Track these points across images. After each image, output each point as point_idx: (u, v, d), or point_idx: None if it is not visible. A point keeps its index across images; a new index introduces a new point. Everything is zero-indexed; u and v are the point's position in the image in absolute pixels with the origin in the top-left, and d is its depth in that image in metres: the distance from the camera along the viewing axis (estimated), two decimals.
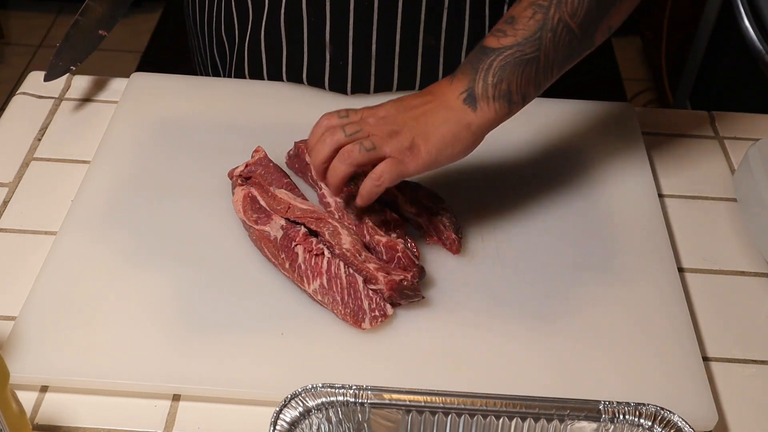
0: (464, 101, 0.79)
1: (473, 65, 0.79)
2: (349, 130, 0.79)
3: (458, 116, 0.79)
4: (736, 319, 0.86)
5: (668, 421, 0.67)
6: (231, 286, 0.84)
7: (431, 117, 0.79)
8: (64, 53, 0.89)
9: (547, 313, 0.83)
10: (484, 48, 0.80)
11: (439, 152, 0.79)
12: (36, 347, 0.78)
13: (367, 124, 0.79)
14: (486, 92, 0.79)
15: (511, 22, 0.79)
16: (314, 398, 0.67)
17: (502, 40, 0.79)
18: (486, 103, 0.79)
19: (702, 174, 1.02)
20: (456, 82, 0.80)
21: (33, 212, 0.93)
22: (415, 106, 0.80)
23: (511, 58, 0.78)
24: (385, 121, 0.79)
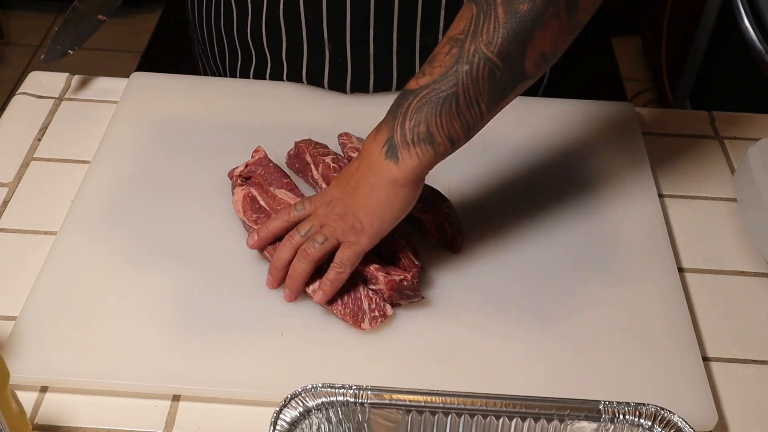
0: (386, 155, 0.76)
1: (393, 112, 0.76)
2: (302, 231, 0.80)
3: (383, 175, 0.76)
4: (736, 319, 0.86)
5: (668, 421, 0.67)
6: (231, 286, 0.84)
7: (363, 186, 0.77)
8: (63, 36, 0.88)
9: (547, 313, 0.83)
10: (404, 91, 0.76)
11: (381, 220, 0.77)
12: (36, 347, 0.78)
13: (318, 216, 0.80)
14: (405, 139, 0.75)
15: (430, 62, 0.75)
16: (314, 398, 0.67)
17: (420, 81, 0.74)
18: (407, 151, 0.75)
19: (702, 174, 1.02)
20: (379, 134, 0.77)
21: (33, 212, 0.93)
22: (350, 179, 0.78)
23: (428, 98, 0.74)
24: (332, 206, 0.79)
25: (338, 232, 0.79)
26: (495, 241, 0.90)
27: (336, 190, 0.80)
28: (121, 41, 2.86)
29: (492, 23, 0.72)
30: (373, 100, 1.05)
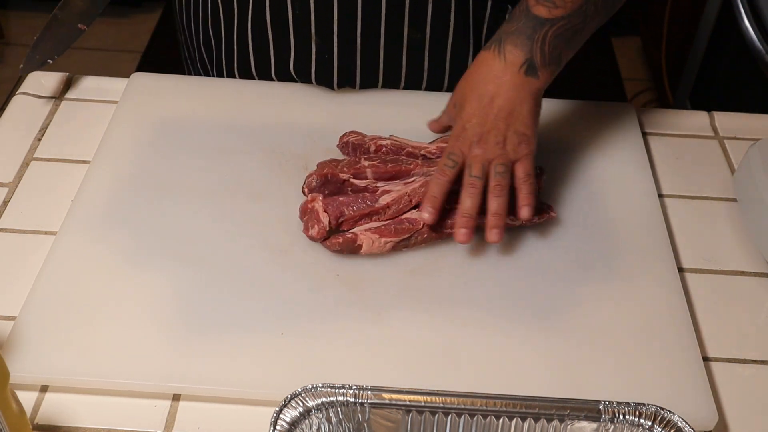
0: (526, 73, 0.84)
1: (528, 36, 0.84)
2: (478, 173, 0.83)
3: (528, 89, 0.85)
4: (736, 319, 0.86)
5: (668, 421, 0.67)
6: (231, 286, 0.84)
7: (510, 105, 0.84)
8: (42, 46, 0.88)
9: (547, 313, 0.83)
10: (535, 17, 0.84)
11: (536, 125, 0.86)
12: (36, 347, 0.78)
13: (478, 156, 0.83)
14: (544, 60, 0.85)
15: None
16: (314, 398, 0.67)
17: (554, 11, 0.84)
18: (545, 69, 0.85)
19: (702, 174, 1.02)
20: (509, 55, 0.84)
21: (33, 212, 0.93)
22: (489, 109, 0.84)
23: (563, 29, 0.84)
24: (486, 139, 0.83)
25: (511, 154, 0.84)
26: None
27: (476, 119, 0.84)
28: (121, 41, 2.86)
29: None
30: (373, 99, 1.05)
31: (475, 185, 0.83)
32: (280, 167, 0.96)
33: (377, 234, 0.86)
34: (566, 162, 0.99)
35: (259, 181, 0.95)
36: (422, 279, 0.86)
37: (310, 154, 0.98)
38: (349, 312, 0.82)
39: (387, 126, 1.01)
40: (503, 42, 0.85)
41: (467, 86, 0.87)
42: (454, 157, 0.84)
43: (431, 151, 0.93)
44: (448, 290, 0.85)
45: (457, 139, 0.85)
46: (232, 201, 0.92)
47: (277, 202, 0.92)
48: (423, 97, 1.07)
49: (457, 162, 0.84)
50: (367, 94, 1.07)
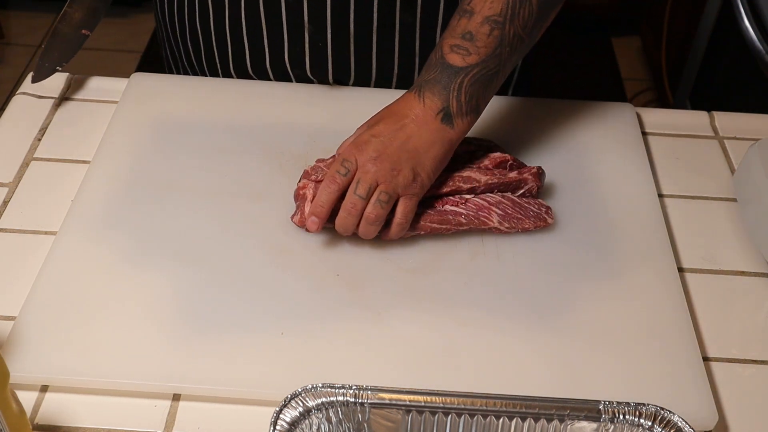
0: (442, 120, 0.85)
1: (443, 85, 0.85)
2: (363, 193, 0.83)
3: (440, 135, 0.85)
4: (736, 319, 0.86)
5: (668, 421, 0.67)
6: (231, 286, 0.84)
7: (418, 142, 0.85)
8: (50, 54, 0.89)
9: (547, 313, 0.83)
10: (449, 66, 0.85)
11: (435, 173, 0.86)
12: (36, 347, 0.78)
13: (369, 173, 0.83)
14: (460, 110, 0.85)
15: (471, 39, 0.84)
16: (314, 398, 0.67)
17: (467, 59, 0.84)
18: (461, 119, 0.86)
19: (702, 174, 1.02)
20: (428, 101, 0.85)
21: (33, 212, 0.93)
22: (398, 135, 0.85)
23: (479, 76, 0.85)
24: (381, 162, 0.83)
25: (399, 188, 0.84)
26: (495, 241, 0.90)
27: (380, 145, 0.84)
28: (121, 41, 2.86)
29: (527, 9, 0.85)
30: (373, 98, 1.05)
31: (356, 206, 0.83)
32: (280, 167, 0.96)
33: None
34: (566, 162, 0.99)
35: (259, 181, 0.95)
36: (422, 279, 0.86)
37: (310, 154, 0.98)
38: (349, 312, 0.82)
39: None
40: (422, 89, 0.86)
41: (386, 112, 0.87)
42: (348, 165, 0.84)
43: None
44: (448, 290, 0.85)
45: (357, 147, 0.84)
46: (232, 201, 0.92)
47: (277, 203, 0.92)
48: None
49: (349, 171, 0.84)
50: (366, 94, 1.07)
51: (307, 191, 0.88)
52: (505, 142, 0.98)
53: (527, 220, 0.89)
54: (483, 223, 0.88)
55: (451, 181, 0.88)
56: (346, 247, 0.88)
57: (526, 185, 0.90)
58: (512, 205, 0.89)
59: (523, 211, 0.89)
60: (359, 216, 0.84)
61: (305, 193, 0.88)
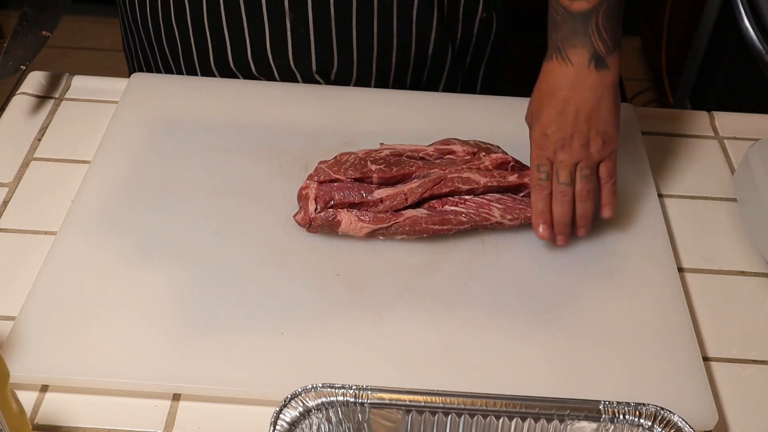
0: (596, 68, 0.83)
1: (582, 33, 0.83)
2: (566, 180, 0.84)
3: (603, 85, 0.84)
4: (736, 319, 0.86)
5: (668, 421, 0.67)
6: (231, 286, 0.84)
7: (588, 106, 0.83)
8: (12, 53, 0.89)
9: (547, 313, 0.83)
10: (578, 14, 0.83)
11: (617, 120, 0.85)
12: (36, 347, 0.78)
13: (564, 161, 0.84)
14: (607, 48, 0.83)
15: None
16: (314, 398, 0.67)
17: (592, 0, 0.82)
18: (611, 57, 0.84)
19: (702, 174, 1.02)
20: (575, 58, 0.83)
21: (33, 212, 0.93)
22: (567, 112, 0.84)
23: (610, 10, 0.83)
24: (570, 145, 0.84)
25: (595, 156, 0.84)
26: (495, 241, 0.90)
27: (557, 129, 0.84)
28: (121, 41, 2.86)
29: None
30: (372, 98, 1.05)
31: (566, 194, 0.85)
32: (280, 167, 0.96)
33: (356, 217, 0.86)
34: None
35: (259, 181, 0.95)
36: (422, 279, 0.86)
37: (310, 154, 0.98)
38: (349, 312, 0.82)
39: (386, 126, 1.01)
40: (563, 49, 0.84)
41: (542, 95, 0.86)
42: (544, 168, 0.85)
43: (429, 153, 0.93)
44: (448, 290, 0.85)
45: (540, 147, 0.85)
46: (232, 201, 0.92)
47: (277, 203, 0.92)
48: (422, 98, 1.07)
49: (548, 173, 0.85)
50: (366, 93, 1.07)
51: (309, 191, 0.88)
52: (504, 143, 0.98)
53: (529, 209, 0.88)
54: (485, 219, 0.88)
55: (450, 182, 0.88)
56: (346, 247, 0.88)
57: (526, 188, 0.90)
58: (512, 200, 0.89)
59: (524, 204, 0.89)
60: (572, 201, 0.85)
61: (308, 193, 0.88)
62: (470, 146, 0.92)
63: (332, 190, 0.87)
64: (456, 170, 0.89)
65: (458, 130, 0.99)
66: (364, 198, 0.87)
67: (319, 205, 0.87)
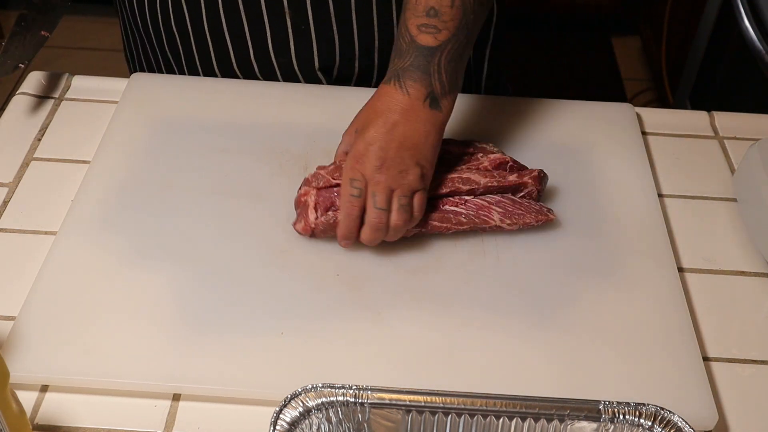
0: (430, 106, 0.84)
1: (422, 69, 0.83)
2: (382, 205, 0.83)
3: (432, 122, 0.84)
4: (736, 319, 0.86)
5: (668, 421, 0.67)
6: (231, 286, 0.84)
7: (415, 137, 0.83)
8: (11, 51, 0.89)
9: (547, 313, 0.83)
10: (423, 48, 0.83)
11: (435, 159, 0.86)
12: (36, 347, 0.78)
13: (381, 183, 0.83)
14: (444, 90, 0.84)
15: (436, 15, 0.83)
16: (314, 398, 0.67)
17: (439, 37, 0.83)
18: (446, 99, 0.85)
19: (702, 174, 1.02)
20: (412, 90, 0.84)
21: (33, 212, 0.93)
22: (394, 135, 0.83)
23: (453, 52, 0.84)
24: (388, 168, 0.82)
25: (412, 186, 0.84)
26: (495, 241, 0.90)
27: (379, 148, 0.83)
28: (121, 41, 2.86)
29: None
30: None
31: (381, 220, 0.83)
32: (280, 167, 0.97)
33: None
34: (566, 162, 0.99)
35: (259, 181, 0.95)
36: (422, 279, 0.86)
37: (310, 154, 0.98)
38: (349, 312, 0.82)
39: None
40: (402, 78, 0.84)
41: (371, 113, 0.85)
42: (357, 184, 0.83)
43: None
44: (448, 290, 0.85)
45: (358, 161, 0.83)
46: (232, 201, 0.92)
47: (277, 203, 0.92)
48: None
49: (361, 189, 0.83)
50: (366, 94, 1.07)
51: (308, 198, 0.87)
52: (505, 142, 0.98)
53: (529, 215, 0.88)
54: (484, 221, 0.88)
55: (450, 182, 0.88)
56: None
57: (525, 189, 0.90)
58: (512, 203, 0.89)
59: (523, 208, 0.89)
60: (387, 227, 0.84)
61: (306, 200, 0.87)
62: (465, 145, 0.92)
63: (333, 195, 0.87)
64: (456, 170, 0.89)
65: (456, 130, 0.99)
66: None
67: (319, 212, 0.86)
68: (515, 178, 0.90)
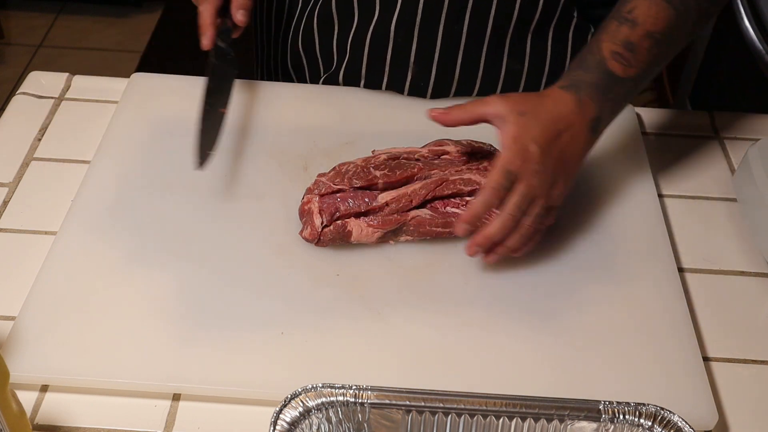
0: (591, 129, 0.84)
1: (603, 92, 0.83)
2: (522, 204, 0.80)
3: (588, 144, 0.84)
4: (736, 319, 0.86)
5: (668, 421, 0.67)
6: (231, 286, 0.84)
7: (572, 153, 0.83)
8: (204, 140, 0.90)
9: (547, 313, 0.83)
10: (610, 74, 0.83)
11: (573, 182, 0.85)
12: (36, 347, 0.78)
13: (533, 185, 0.80)
14: (606, 120, 0.85)
15: (633, 51, 0.83)
16: (314, 398, 0.67)
17: (628, 71, 0.83)
18: (604, 128, 0.86)
19: (702, 174, 1.02)
20: (586, 106, 0.83)
21: (33, 212, 0.93)
22: (557, 144, 0.81)
23: (630, 89, 0.85)
24: (541, 177, 0.80)
25: (552, 200, 0.83)
26: None
27: (541, 156, 0.80)
28: (121, 41, 2.86)
29: (682, 34, 0.87)
30: (373, 98, 1.05)
31: (515, 220, 0.81)
32: (281, 167, 0.96)
33: (365, 223, 0.86)
34: None
35: (260, 181, 0.95)
36: (422, 278, 0.86)
37: (310, 154, 0.98)
38: (350, 311, 0.82)
39: (385, 126, 1.01)
40: (581, 90, 0.83)
41: (541, 108, 0.82)
42: (511, 177, 0.79)
43: (423, 154, 0.92)
44: (449, 290, 0.85)
45: (520, 155, 0.79)
46: (232, 201, 0.92)
47: (277, 202, 0.92)
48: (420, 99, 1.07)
49: (513, 183, 0.79)
50: (366, 95, 1.07)
51: (312, 206, 0.87)
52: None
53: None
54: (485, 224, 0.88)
55: (451, 183, 0.88)
56: (346, 247, 0.88)
57: None
58: None
59: None
60: (514, 227, 0.81)
61: (310, 207, 0.87)
62: (463, 146, 0.92)
63: (336, 201, 0.86)
64: (457, 171, 0.89)
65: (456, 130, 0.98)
66: (370, 205, 0.87)
67: (324, 217, 0.86)
68: None
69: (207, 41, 0.92)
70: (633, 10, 0.84)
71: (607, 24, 0.85)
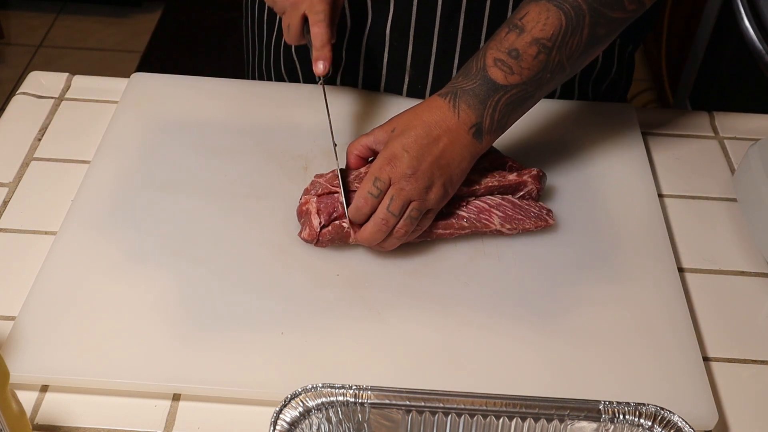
0: (473, 135, 0.84)
1: (481, 100, 0.83)
2: (394, 209, 0.82)
3: (470, 150, 0.84)
4: (736, 319, 0.86)
5: (668, 421, 0.67)
6: (231, 286, 0.84)
7: (450, 157, 0.83)
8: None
9: (547, 313, 0.83)
10: (490, 81, 0.83)
11: (458, 186, 0.86)
12: (36, 347, 0.78)
13: (404, 191, 0.82)
14: (491, 127, 0.84)
15: (516, 58, 0.82)
16: (314, 398, 0.67)
17: (509, 78, 0.83)
18: (489, 136, 0.85)
19: (702, 174, 1.02)
20: (463, 114, 0.83)
21: (33, 212, 0.93)
22: (432, 149, 0.82)
23: (516, 96, 0.83)
24: (416, 180, 0.82)
25: (431, 204, 0.83)
26: (495, 242, 0.90)
27: (413, 160, 0.82)
28: (121, 41, 2.86)
29: (576, 40, 0.83)
30: (373, 98, 1.06)
31: (388, 223, 0.82)
32: (281, 167, 0.97)
33: None
34: (566, 162, 0.99)
35: (259, 181, 0.95)
36: (422, 279, 0.86)
37: (310, 154, 0.98)
38: (350, 312, 0.82)
39: None
40: (458, 98, 0.83)
41: (415, 119, 0.84)
42: (380, 185, 0.82)
43: None
44: (448, 290, 0.85)
45: (389, 162, 0.82)
46: (232, 201, 0.92)
47: (277, 202, 0.92)
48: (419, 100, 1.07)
49: (381, 191, 0.82)
50: (366, 94, 1.07)
51: (309, 206, 0.87)
52: (504, 143, 0.98)
53: (528, 220, 0.88)
54: (485, 225, 0.88)
55: None
56: (346, 247, 0.88)
57: (525, 188, 0.90)
58: (512, 207, 0.89)
59: (523, 213, 0.89)
60: (389, 231, 0.83)
61: (308, 208, 0.87)
62: None
63: (334, 201, 0.86)
64: None
65: None
66: None
67: (322, 218, 0.86)
68: (515, 178, 0.90)
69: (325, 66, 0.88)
70: (524, 16, 0.83)
71: (498, 30, 0.85)
